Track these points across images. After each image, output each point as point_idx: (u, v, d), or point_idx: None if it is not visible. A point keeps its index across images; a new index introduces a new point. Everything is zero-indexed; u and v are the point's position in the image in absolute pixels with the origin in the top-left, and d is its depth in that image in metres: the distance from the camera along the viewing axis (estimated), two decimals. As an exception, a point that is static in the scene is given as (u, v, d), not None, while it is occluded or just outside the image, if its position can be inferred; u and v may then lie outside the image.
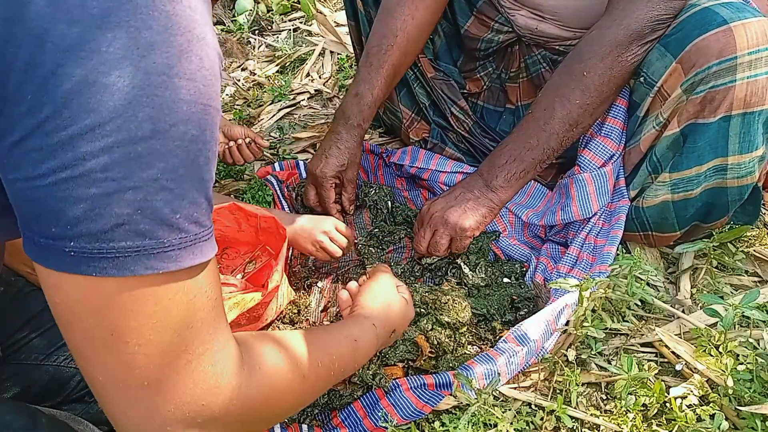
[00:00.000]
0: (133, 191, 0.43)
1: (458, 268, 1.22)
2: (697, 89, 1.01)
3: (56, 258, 0.44)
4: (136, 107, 0.42)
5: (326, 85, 1.98)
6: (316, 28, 2.24)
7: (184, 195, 0.45)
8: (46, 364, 0.90)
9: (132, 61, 0.42)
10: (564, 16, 1.24)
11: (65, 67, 0.40)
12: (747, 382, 0.91)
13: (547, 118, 1.12)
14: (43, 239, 0.44)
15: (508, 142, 1.17)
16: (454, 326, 1.05)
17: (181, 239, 0.46)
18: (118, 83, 0.41)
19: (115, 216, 0.43)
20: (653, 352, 1.06)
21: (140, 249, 0.44)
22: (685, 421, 0.90)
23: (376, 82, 1.27)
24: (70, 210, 0.42)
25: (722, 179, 1.06)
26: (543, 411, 0.95)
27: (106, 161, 0.42)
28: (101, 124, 0.41)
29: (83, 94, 0.41)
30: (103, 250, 0.43)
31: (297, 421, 0.98)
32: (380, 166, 1.54)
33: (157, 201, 0.44)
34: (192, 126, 0.45)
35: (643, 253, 1.23)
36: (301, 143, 1.72)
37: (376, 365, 1.00)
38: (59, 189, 0.42)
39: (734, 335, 1.02)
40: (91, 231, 0.43)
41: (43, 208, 0.43)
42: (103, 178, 0.42)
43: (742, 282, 1.17)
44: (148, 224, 0.44)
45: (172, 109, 0.43)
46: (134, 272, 0.44)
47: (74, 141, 0.41)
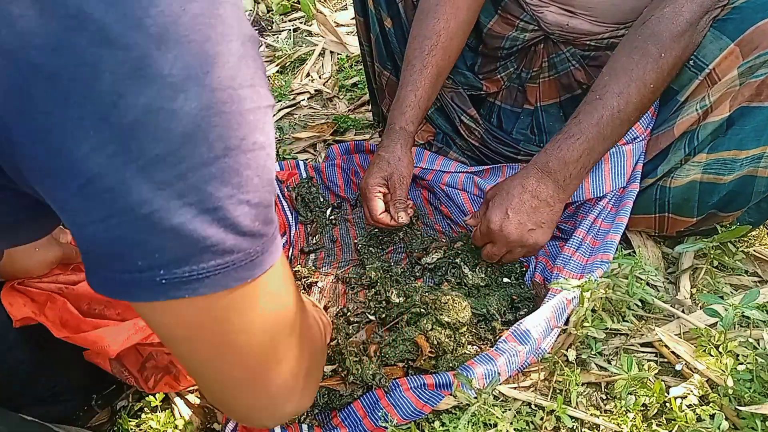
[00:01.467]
0: (213, 212, 0.42)
1: (458, 268, 1.22)
2: (757, 72, 0.99)
3: (146, 290, 0.44)
4: (207, 129, 0.40)
5: (326, 85, 1.98)
6: (316, 28, 2.24)
7: (260, 202, 0.45)
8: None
9: (197, 80, 0.39)
10: (599, 11, 1.21)
11: (127, 97, 0.38)
12: (747, 382, 0.91)
13: (621, 105, 1.05)
14: (128, 274, 0.43)
15: (577, 133, 1.07)
16: (454, 326, 1.05)
17: (261, 244, 0.46)
18: (185, 107, 0.39)
19: (201, 239, 0.42)
20: (653, 352, 1.06)
21: (228, 264, 0.44)
22: (685, 421, 0.90)
23: (420, 83, 1.23)
24: (156, 241, 0.41)
25: (755, 168, 1.05)
26: (543, 411, 0.95)
27: (182, 188, 0.40)
28: (172, 152, 0.40)
29: (150, 124, 0.39)
30: (194, 273, 0.43)
31: (297, 421, 0.98)
32: (380, 166, 1.54)
33: (237, 216, 0.43)
34: (259, 133, 0.44)
35: (644, 252, 1.23)
36: (301, 143, 1.72)
37: (376, 365, 1.00)
38: (140, 224, 0.41)
39: (734, 335, 1.02)
40: (180, 257, 0.42)
41: (125, 245, 0.42)
42: (181, 204, 0.41)
43: (742, 282, 1.17)
44: (233, 239, 0.44)
45: (241, 123, 0.42)
46: (226, 287, 0.45)
47: (147, 172, 0.39)
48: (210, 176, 0.41)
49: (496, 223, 1.08)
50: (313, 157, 1.69)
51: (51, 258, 0.92)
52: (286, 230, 1.42)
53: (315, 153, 1.71)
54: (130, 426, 1.00)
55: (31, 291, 0.90)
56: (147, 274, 0.43)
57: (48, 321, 0.86)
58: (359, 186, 1.48)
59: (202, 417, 1.05)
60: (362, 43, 1.52)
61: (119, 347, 0.85)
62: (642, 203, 1.17)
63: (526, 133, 1.41)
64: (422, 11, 1.26)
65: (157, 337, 0.87)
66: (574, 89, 1.34)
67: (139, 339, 0.87)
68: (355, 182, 1.50)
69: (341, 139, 1.71)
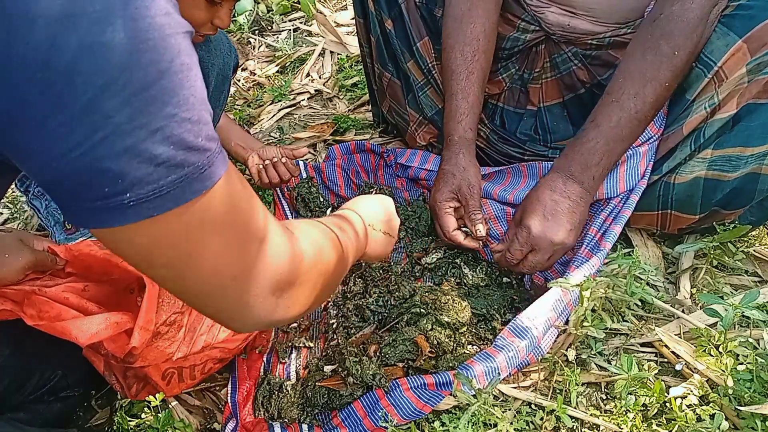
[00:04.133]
0: (161, 131, 0.46)
1: (458, 268, 1.22)
2: (765, 69, 0.99)
3: (118, 214, 0.48)
4: (138, 55, 0.44)
5: (326, 85, 1.98)
6: (316, 28, 2.24)
7: (199, 119, 0.50)
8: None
9: (118, 13, 0.44)
10: (598, 11, 1.21)
11: (60, 38, 0.42)
12: (747, 382, 0.91)
13: (638, 106, 1.05)
14: (100, 202, 0.47)
15: (596, 137, 1.08)
16: (454, 326, 1.05)
17: (208, 157, 0.51)
18: (114, 38, 0.43)
19: (154, 157, 0.46)
20: (653, 352, 1.06)
21: (183, 178, 0.49)
22: (685, 421, 0.90)
23: (469, 90, 1.23)
24: (115, 165, 0.45)
25: (759, 165, 1.05)
26: (543, 411, 0.95)
27: (130, 112, 0.45)
28: (114, 81, 0.44)
29: (88, 59, 0.43)
30: (156, 190, 0.48)
31: (297, 421, 0.98)
32: (380, 166, 1.54)
33: (182, 132, 0.48)
34: (184, 55, 0.48)
35: (644, 251, 1.23)
36: (301, 143, 1.72)
37: (376, 365, 1.00)
38: (98, 151, 0.45)
39: (734, 335, 1.02)
40: (140, 178, 0.46)
41: (88, 174, 0.46)
42: (132, 127, 0.45)
43: (742, 282, 1.17)
44: (182, 155, 0.48)
45: (166, 47, 0.46)
46: (186, 199, 0.50)
47: (94, 103, 0.44)
48: (151, 98, 0.45)
49: (538, 228, 1.07)
50: (313, 157, 1.69)
51: (23, 264, 0.93)
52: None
53: (315, 153, 1.71)
54: (129, 426, 1.00)
55: (7, 292, 0.90)
56: (115, 199, 0.47)
57: (25, 315, 0.87)
58: (359, 186, 1.48)
59: (202, 417, 1.05)
60: (362, 44, 1.52)
61: (88, 339, 0.85)
62: (645, 200, 1.17)
63: (530, 133, 1.41)
64: (455, 18, 1.25)
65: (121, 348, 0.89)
66: (578, 88, 1.34)
67: (108, 335, 0.87)
68: (355, 182, 1.50)
69: (341, 139, 1.71)
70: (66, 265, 0.99)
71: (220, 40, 1.25)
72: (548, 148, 1.36)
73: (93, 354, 0.97)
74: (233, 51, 1.33)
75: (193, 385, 1.04)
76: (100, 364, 0.98)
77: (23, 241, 0.95)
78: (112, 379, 0.99)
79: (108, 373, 0.98)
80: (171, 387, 1.00)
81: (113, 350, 0.89)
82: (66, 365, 0.98)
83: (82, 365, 0.98)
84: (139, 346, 0.88)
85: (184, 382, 1.01)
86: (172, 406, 1.04)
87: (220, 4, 0.97)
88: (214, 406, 1.06)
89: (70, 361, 0.97)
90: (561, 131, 1.39)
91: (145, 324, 0.88)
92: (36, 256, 0.94)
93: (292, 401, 1.00)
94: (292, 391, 1.01)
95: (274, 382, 1.03)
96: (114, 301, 0.97)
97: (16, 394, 0.92)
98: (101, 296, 0.96)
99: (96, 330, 0.86)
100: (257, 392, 1.03)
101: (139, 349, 0.89)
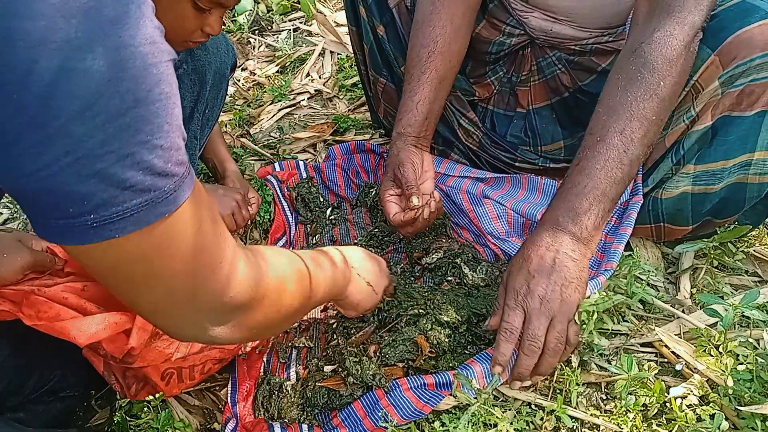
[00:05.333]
0: (131, 157, 0.47)
1: (458, 268, 1.22)
2: (736, 82, 0.99)
3: (81, 234, 0.49)
4: (116, 83, 0.45)
5: (326, 85, 1.98)
6: (316, 28, 2.24)
7: (171, 145, 0.51)
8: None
9: (100, 41, 0.44)
10: (579, 17, 1.21)
11: (40, 61, 0.43)
12: (747, 382, 0.91)
13: (627, 144, 0.96)
14: (63, 221, 0.48)
15: (581, 180, 0.96)
16: (454, 326, 1.05)
17: (175, 182, 0.52)
18: (93, 65, 0.44)
19: (122, 182, 0.48)
20: (653, 352, 1.06)
21: (148, 202, 0.50)
22: (685, 421, 0.90)
23: (418, 89, 1.22)
24: (82, 188, 0.47)
25: (744, 175, 1.05)
26: (543, 411, 0.95)
27: (102, 138, 0.46)
28: (89, 107, 0.45)
29: (65, 84, 0.44)
30: (120, 213, 0.49)
31: (297, 421, 0.98)
32: (380, 166, 1.54)
33: (152, 158, 0.49)
34: (164, 84, 0.49)
35: (644, 252, 1.23)
36: (301, 143, 1.72)
37: (376, 365, 1.00)
38: (67, 173, 0.46)
39: (734, 335, 1.02)
40: (105, 200, 0.48)
41: (56, 195, 0.47)
42: (103, 153, 0.46)
43: (742, 282, 1.17)
44: (150, 179, 0.49)
45: (145, 76, 0.47)
46: (149, 222, 0.51)
47: (68, 127, 0.45)
48: (125, 125, 0.47)
49: (523, 287, 0.93)
50: (313, 157, 1.69)
51: (21, 264, 0.93)
52: (286, 230, 1.42)
53: (315, 153, 1.71)
54: (129, 426, 1.00)
55: (6, 293, 0.90)
56: (79, 219, 0.48)
57: (24, 315, 0.87)
58: (359, 186, 1.48)
59: (202, 417, 1.05)
60: (356, 52, 1.53)
61: (87, 340, 0.85)
62: (638, 215, 1.17)
63: (520, 136, 1.41)
64: (417, 21, 1.26)
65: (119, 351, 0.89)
66: (562, 92, 1.35)
67: (107, 335, 0.87)
68: (355, 182, 1.50)
69: (341, 139, 1.71)
70: (65, 265, 0.99)
71: (217, 39, 1.25)
72: (538, 156, 1.36)
73: (92, 354, 0.97)
74: (231, 50, 1.33)
75: (192, 385, 1.04)
76: (99, 364, 0.98)
77: (22, 242, 0.95)
78: (112, 379, 0.99)
79: (107, 373, 0.98)
80: (170, 387, 0.99)
81: (112, 350, 0.89)
82: (66, 365, 0.98)
83: (81, 365, 0.98)
84: (137, 347, 0.88)
85: (183, 382, 1.01)
86: (172, 406, 1.04)
87: (210, 12, 0.97)
88: (214, 406, 1.06)
89: (70, 361, 0.97)
90: (550, 134, 1.39)
91: (144, 324, 0.88)
92: (35, 256, 0.94)
93: (292, 401, 1.00)
94: (292, 391, 1.01)
95: (274, 383, 1.03)
96: (113, 300, 0.97)
97: (16, 394, 0.92)
98: (100, 296, 0.96)
99: (95, 330, 0.86)
100: (257, 392, 1.03)
101: (137, 350, 0.88)
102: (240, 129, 1.81)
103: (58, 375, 0.97)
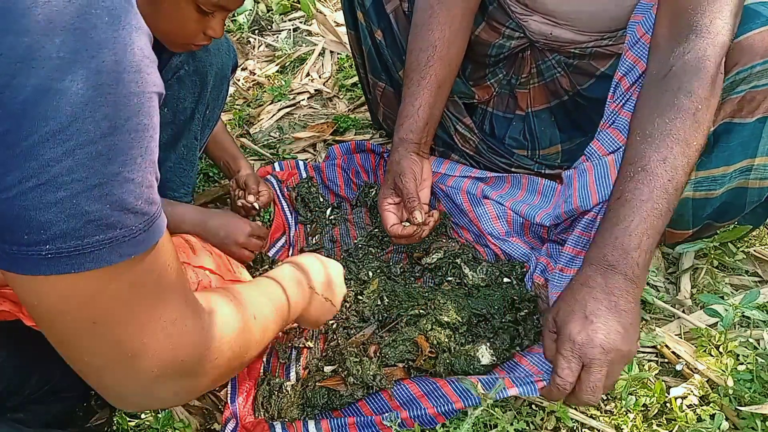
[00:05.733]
0: (99, 188, 0.45)
1: (458, 268, 1.22)
2: (737, 88, 0.98)
3: (32, 264, 0.45)
4: (93, 108, 0.43)
5: (326, 85, 1.98)
6: (316, 28, 2.24)
7: (143, 181, 0.48)
8: None
9: (83, 63, 0.42)
10: (579, 21, 1.21)
11: (18, 77, 0.41)
12: (747, 382, 0.91)
13: (671, 172, 0.92)
14: (16, 247, 0.45)
15: (628, 215, 0.92)
16: (454, 326, 1.05)
17: (144, 222, 0.48)
18: (72, 87, 0.42)
19: (85, 213, 0.44)
20: (653, 352, 1.06)
21: (113, 240, 0.46)
22: (686, 422, 0.90)
23: (418, 94, 1.22)
24: (41, 215, 0.43)
25: (745, 180, 1.05)
26: (543, 411, 0.95)
27: (70, 164, 0.43)
28: (61, 130, 0.42)
29: (40, 104, 0.41)
30: (79, 247, 0.45)
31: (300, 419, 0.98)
32: (380, 166, 1.54)
33: (122, 193, 0.46)
34: (143, 116, 0.46)
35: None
36: (301, 143, 1.73)
37: (377, 365, 1.00)
38: (27, 198, 0.43)
39: (734, 335, 1.02)
40: (65, 231, 0.44)
41: (12, 219, 0.44)
42: (69, 180, 0.43)
43: (742, 282, 1.17)
44: (117, 216, 0.46)
45: (126, 104, 0.45)
46: (110, 262, 0.47)
47: (36, 149, 0.42)
48: (96, 153, 0.44)
49: (581, 335, 0.85)
50: (313, 157, 1.69)
51: None
52: (285, 230, 1.42)
53: (315, 153, 1.71)
54: (129, 426, 1.00)
55: (6, 293, 0.90)
56: (33, 248, 0.44)
57: (24, 315, 0.87)
58: (359, 186, 1.48)
59: (202, 417, 1.05)
60: (355, 55, 1.52)
61: None
62: None
63: (519, 138, 1.41)
64: (416, 25, 1.25)
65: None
66: (561, 95, 1.35)
67: None
68: (355, 182, 1.50)
69: (341, 139, 1.71)
70: None
71: (219, 40, 1.25)
72: (535, 162, 1.36)
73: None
74: (232, 51, 1.33)
75: (192, 385, 1.04)
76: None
77: None
78: None
79: None
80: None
81: None
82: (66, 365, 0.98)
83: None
84: None
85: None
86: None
87: (212, 15, 0.97)
88: (214, 407, 1.06)
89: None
90: (548, 137, 1.39)
91: None
92: None
93: (292, 401, 1.00)
94: (292, 391, 1.01)
95: (274, 383, 1.03)
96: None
97: (16, 394, 0.92)
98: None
99: None
100: (257, 393, 1.03)
101: None
102: (240, 129, 1.81)
103: (58, 375, 0.97)
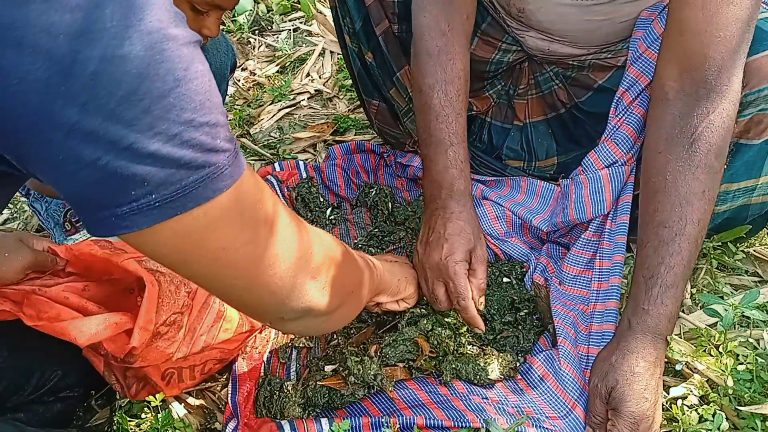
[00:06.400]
0: (178, 136, 0.49)
1: (458, 268, 1.22)
2: (745, 111, 0.98)
3: (144, 216, 0.50)
4: (155, 66, 0.47)
5: (326, 85, 1.98)
6: (316, 28, 2.24)
7: (216, 122, 0.52)
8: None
9: (135, 27, 0.46)
10: (574, 38, 1.19)
11: (83, 51, 0.45)
12: (747, 382, 0.91)
13: (701, 230, 0.96)
14: (127, 206, 0.50)
15: (675, 282, 0.94)
16: (455, 326, 1.05)
17: (227, 157, 0.53)
18: (132, 51, 0.46)
19: (177, 159, 0.49)
20: (653, 352, 1.05)
21: (205, 177, 0.52)
22: (689, 423, 0.90)
23: (461, 134, 1.12)
24: (140, 170, 0.48)
25: (748, 198, 1.06)
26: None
27: (150, 120, 0.47)
28: (133, 92, 0.46)
29: (108, 72, 0.45)
30: (180, 190, 0.50)
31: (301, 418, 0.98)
32: (380, 165, 1.54)
33: (200, 136, 0.50)
34: (198, 63, 0.51)
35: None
36: (301, 143, 1.73)
37: (377, 365, 1.00)
38: (123, 158, 0.47)
39: (734, 335, 1.02)
40: (164, 179, 0.49)
41: (116, 181, 0.48)
42: (153, 134, 0.48)
43: (742, 282, 1.17)
44: (202, 156, 0.51)
45: (180, 56, 0.49)
46: (208, 198, 0.53)
47: (117, 113, 0.46)
48: (170, 105, 0.48)
49: (647, 417, 0.89)
50: (313, 157, 1.69)
51: (24, 263, 0.93)
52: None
53: (315, 153, 1.71)
54: (129, 426, 1.00)
55: (7, 292, 0.90)
56: (143, 201, 0.50)
57: (24, 315, 0.87)
58: (359, 186, 1.48)
59: (202, 417, 1.05)
60: (350, 70, 1.51)
61: (87, 340, 0.85)
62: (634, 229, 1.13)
63: (516, 149, 1.40)
64: (429, 54, 1.14)
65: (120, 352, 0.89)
66: (558, 108, 1.34)
67: (108, 335, 0.87)
68: (355, 182, 1.50)
69: (341, 139, 1.71)
70: (66, 265, 0.99)
71: (217, 40, 1.25)
72: (528, 175, 1.36)
73: (93, 354, 0.97)
74: (231, 51, 1.32)
75: (193, 385, 1.04)
76: (99, 364, 0.98)
77: (23, 241, 0.95)
78: (112, 379, 0.99)
79: (108, 373, 0.98)
80: (171, 387, 0.99)
81: (113, 350, 0.89)
82: (66, 365, 0.98)
83: (81, 365, 0.98)
84: (138, 347, 0.88)
85: (183, 382, 1.01)
86: (172, 406, 1.04)
87: (207, 14, 0.97)
88: (214, 406, 1.06)
89: (70, 361, 0.97)
90: (545, 149, 1.38)
91: (145, 324, 0.88)
92: (36, 256, 0.94)
93: (293, 401, 1.00)
94: (293, 390, 1.01)
95: (275, 382, 1.03)
96: (114, 300, 0.97)
97: (16, 394, 0.92)
98: (101, 296, 0.96)
99: (95, 330, 0.86)
100: (258, 392, 1.03)
101: (138, 350, 0.88)
102: (240, 129, 1.81)
103: (58, 375, 0.97)
